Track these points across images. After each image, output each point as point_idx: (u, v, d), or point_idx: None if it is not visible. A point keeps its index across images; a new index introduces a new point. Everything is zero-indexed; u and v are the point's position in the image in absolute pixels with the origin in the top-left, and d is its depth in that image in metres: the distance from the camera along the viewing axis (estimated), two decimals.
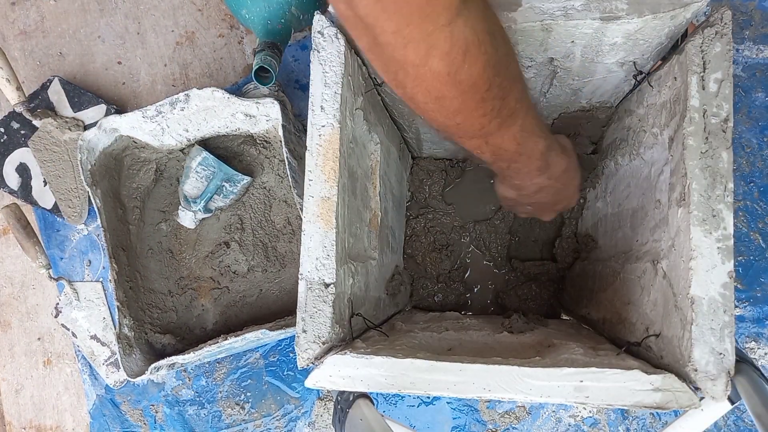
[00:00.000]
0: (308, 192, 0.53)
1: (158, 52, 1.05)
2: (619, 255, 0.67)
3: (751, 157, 0.90)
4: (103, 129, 0.84)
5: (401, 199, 0.90)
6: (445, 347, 0.58)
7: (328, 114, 0.54)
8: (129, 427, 0.99)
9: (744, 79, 0.91)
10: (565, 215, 0.89)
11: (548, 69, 0.61)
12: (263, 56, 0.79)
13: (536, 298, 0.89)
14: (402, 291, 0.84)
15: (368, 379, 0.49)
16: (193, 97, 0.83)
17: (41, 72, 1.06)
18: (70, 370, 1.03)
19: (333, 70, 0.54)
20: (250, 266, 0.96)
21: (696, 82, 0.49)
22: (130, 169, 0.92)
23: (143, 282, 0.93)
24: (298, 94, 1.00)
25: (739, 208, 0.89)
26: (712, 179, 0.47)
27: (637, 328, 0.56)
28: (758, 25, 0.92)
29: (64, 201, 0.99)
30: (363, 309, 0.63)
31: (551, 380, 0.46)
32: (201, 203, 0.90)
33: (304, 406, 0.95)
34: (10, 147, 1.02)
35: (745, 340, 0.87)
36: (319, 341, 0.51)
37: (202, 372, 0.98)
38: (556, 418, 0.90)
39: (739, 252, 0.88)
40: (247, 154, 0.95)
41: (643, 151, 0.62)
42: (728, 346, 0.45)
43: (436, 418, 0.92)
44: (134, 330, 0.86)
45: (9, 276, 1.05)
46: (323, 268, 0.52)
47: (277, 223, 0.96)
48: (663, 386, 0.45)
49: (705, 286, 0.46)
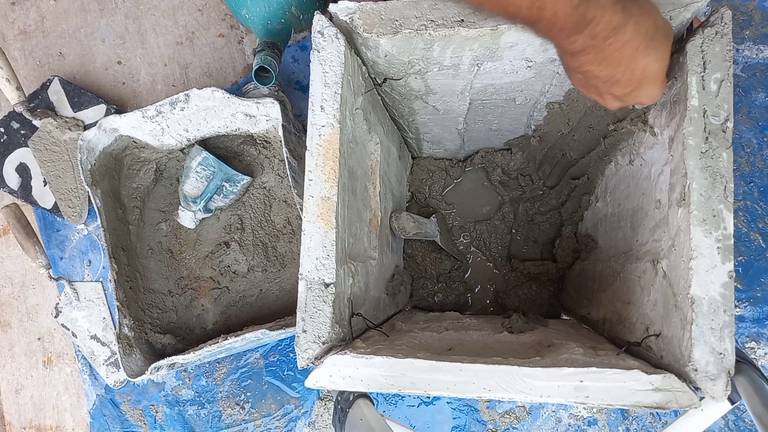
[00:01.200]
0: (308, 192, 0.53)
1: (158, 52, 1.05)
2: (619, 255, 0.67)
3: (751, 157, 0.90)
4: (103, 129, 0.84)
5: (401, 199, 0.90)
6: (445, 347, 0.58)
7: (328, 114, 0.54)
8: (129, 427, 0.99)
9: (744, 79, 0.91)
10: (564, 215, 0.89)
11: (549, 69, 0.61)
12: (263, 56, 0.79)
13: (536, 298, 0.89)
14: (402, 291, 0.84)
15: (368, 379, 0.49)
16: (193, 97, 0.83)
17: (41, 72, 1.06)
18: (70, 370, 1.02)
19: (333, 70, 0.54)
20: (250, 266, 0.96)
21: (696, 82, 0.49)
22: (130, 169, 0.92)
23: (143, 282, 0.93)
24: (298, 95, 1.00)
25: (739, 208, 0.89)
26: (712, 179, 0.47)
27: (637, 328, 0.56)
28: (758, 25, 0.92)
29: (64, 201, 0.99)
30: (363, 309, 0.63)
31: (551, 380, 0.46)
32: (201, 203, 0.90)
33: (304, 406, 0.95)
34: (10, 147, 1.02)
35: (745, 340, 0.87)
36: (319, 341, 0.51)
37: (202, 372, 0.98)
38: (556, 418, 0.90)
39: (739, 252, 0.88)
40: (247, 154, 0.95)
41: (643, 151, 0.62)
42: (728, 346, 0.45)
43: (436, 418, 0.92)
44: (134, 330, 0.86)
45: (9, 276, 1.05)
46: (323, 268, 0.52)
47: (277, 223, 0.96)
48: (663, 386, 0.45)
49: (705, 286, 0.46)
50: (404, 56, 0.58)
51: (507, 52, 0.57)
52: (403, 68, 0.61)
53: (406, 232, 0.79)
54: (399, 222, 0.79)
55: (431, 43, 0.55)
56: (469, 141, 0.86)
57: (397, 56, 0.58)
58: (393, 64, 0.60)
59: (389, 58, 0.58)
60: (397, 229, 0.79)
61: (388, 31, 0.54)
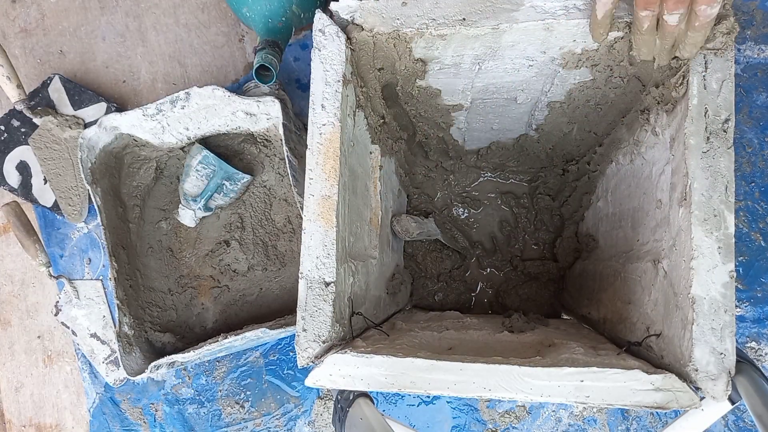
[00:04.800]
0: (309, 190, 0.53)
1: (159, 50, 1.05)
2: (620, 255, 0.67)
3: (752, 157, 0.90)
4: (104, 127, 0.84)
5: (402, 199, 0.90)
6: (445, 346, 0.58)
7: (329, 112, 0.53)
8: (129, 425, 0.99)
9: (745, 78, 0.91)
10: (565, 215, 0.89)
11: (549, 69, 0.61)
12: (264, 54, 0.79)
13: (537, 298, 0.89)
14: (402, 290, 0.84)
15: (368, 378, 0.49)
16: (194, 95, 0.83)
17: (42, 70, 1.06)
18: (70, 368, 1.02)
19: (334, 68, 0.54)
20: (250, 265, 0.96)
21: (697, 81, 0.49)
22: (131, 168, 0.92)
23: (143, 280, 0.93)
24: (299, 93, 1.00)
25: (740, 208, 0.89)
26: (713, 179, 0.47)
27: (638, 327, 0.56)
28: (760, 25, 0.91)
29: (65, 199, 0.99)
30: (363, 308, 0.63)
31: (552, 380, 0.46)
32: (201, 201, 0.90)
33: (304, 405, 0.95)
34: (11, 145, 1.02)
35: (746, 340, 0.87)
36: (319, 340, 0.51)
37: (202, 370, 0.98)
38: (556, 417, 0.90)
39: (740, 252, 0.88)
40: (248, 152, 0.95)
41: (644, 151, 0.62)
42: (729, 345, 0.45)
43: (436, 417, 0.92)
44: (134, 328, 0.86)
45: (9, 274, 1.05)
46: (323, 266, 0.52)
47: (278, 221, 0.96)
48: (663, 386, 0.45)
49: (706, 286, 0.46)
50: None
51: (508, 51, 0.57)
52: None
53: (409, 233, 0.79)
54: (401, 224, 0.79)
55: (432, 42, 0.55)
56: (470, 140, 0.85)
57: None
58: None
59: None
60: (400, 231, 0.79)
61: (388, 29, 0.54)
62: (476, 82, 0.65)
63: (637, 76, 0.59)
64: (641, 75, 0.59)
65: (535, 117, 0.75)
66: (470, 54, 0.58)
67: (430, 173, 0.94)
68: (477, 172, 0.94)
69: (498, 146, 0.87)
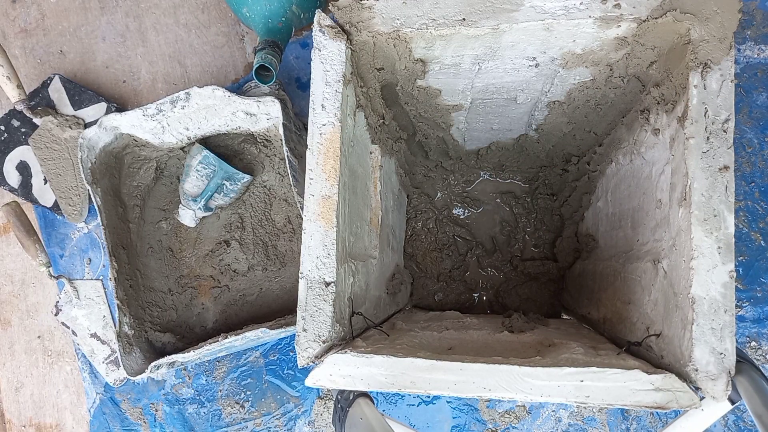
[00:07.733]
0: (309, 190, 0.53)
1: (159, 50, 1.05)
2: (619, 254, 0.67)
3: (752, 157, 0.90)
4: (104, 127, 0.84)
5: (402, 198, 0.90)
6: (445, 346, 0.58)
7: (329, 112, 0.53)
8: (129, 425, 0.99)
9: (745, 78, 0.91)
10: (565, 215, 0.89)
11: (550, 68, 0.61)
12: (264, 54, 0.79)
13: (537, 298, 0.89)
14: (402, 290, 0.84)
15: (368, 378, 0.49)
16: (194, 95, 0.83)
17: (42, 70, 1.06)
18: (70, 368, 1.02)
19: (334, 68, 0.54)
20: (250, 265, 0.96)
21: (697, 81, 0.49)
22: (131, 168, 0.92)
23: (143, 280, 0.93)
24: (299, 93, 1.00)
25: (739, 208, 0.89)
26: (713, 179, 0.47)
27: (638, 327, 0.56)
28: (760, 25, 0.91)
29: (65, 199, 0.99)
30: (363, 308, 0.63)
31: (552, 380, 0.46)
32: (201, 201, 0.90)
33: (304, 404, 0.95)
34: (11, 145, 1.02)
35: (746, 340, 0.87)
36: (319, 340, 0.51)
37: (202, 370, 0.98)
38: (556, 417, 0.90)
39: (740, 252, 0.88)
40: (248, 152, 0.95)
41: (644, 151, 0.62)
42: (729, 345, 0.45)
43: (436, 417, 0.92)
44: (134, 328, 0.86)
45: (9, 274, 1.05)
46: (324, 266, 0.52)
47: (278, 221, 0.96)
48: (663, 386, 0.45)
49: (706, 286, 0.46)
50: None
51: (508, 51, 0.57)
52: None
53: None
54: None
55: (432, 42, 0.55)
56: (470, 140, 0.85)
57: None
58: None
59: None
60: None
61: (388, 29, 0.54)
62: (476, 82, 0.65)
63: (637, 76, 0.59)
64: (641, 75, 0.59)
65: (535, 117, 0.75)
66: (470, 54, 0.58)
67: (430, 173, 0.94)
68: (477, 172, 0.94)
69: (498, 146, 0.87)
